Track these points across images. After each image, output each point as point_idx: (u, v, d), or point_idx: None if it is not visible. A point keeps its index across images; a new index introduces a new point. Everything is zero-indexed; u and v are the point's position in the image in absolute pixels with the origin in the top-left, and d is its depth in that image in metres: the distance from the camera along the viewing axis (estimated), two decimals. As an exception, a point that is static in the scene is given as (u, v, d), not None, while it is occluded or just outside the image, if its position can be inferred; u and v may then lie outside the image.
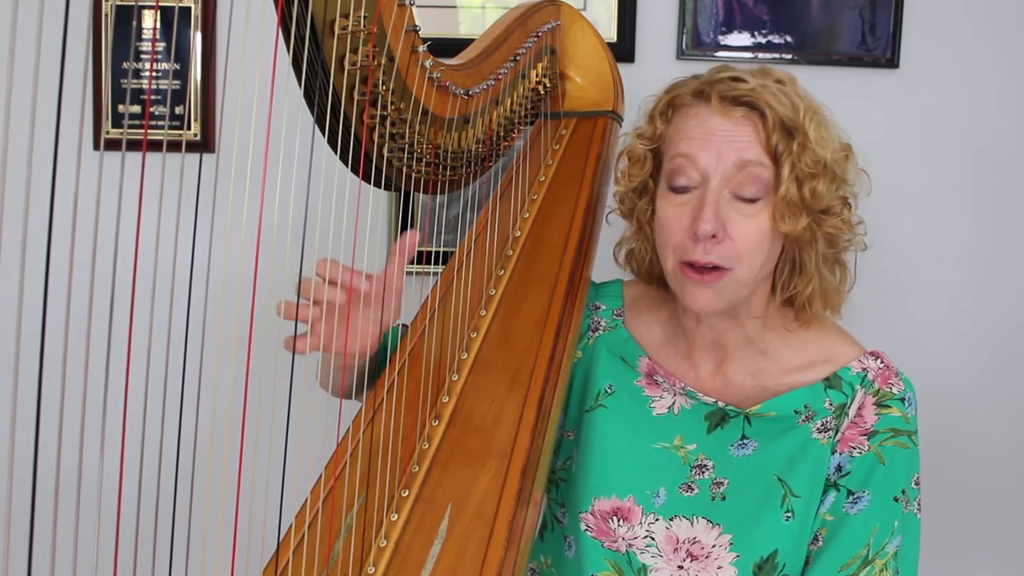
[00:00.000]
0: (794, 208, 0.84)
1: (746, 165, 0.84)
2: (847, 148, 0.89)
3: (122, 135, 1.56)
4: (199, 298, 0.67)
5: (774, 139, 0.83)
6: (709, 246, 0.84)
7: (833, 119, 0.89)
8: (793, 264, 0.90)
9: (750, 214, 0.85)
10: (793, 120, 0.84)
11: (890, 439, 0.88)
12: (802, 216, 0.84)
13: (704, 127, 0.86)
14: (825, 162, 0.84)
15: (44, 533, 0.51)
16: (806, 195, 0.84)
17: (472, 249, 1.04)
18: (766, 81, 0.86)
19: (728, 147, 0.84)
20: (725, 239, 0.84)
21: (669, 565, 0.90)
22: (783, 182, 0.83)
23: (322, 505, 0.80)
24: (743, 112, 0.85)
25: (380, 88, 0.80)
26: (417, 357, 0.92)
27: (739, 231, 0.84)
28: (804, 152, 0.83)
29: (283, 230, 0.74)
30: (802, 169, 0.83)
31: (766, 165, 0.84)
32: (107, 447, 0.62)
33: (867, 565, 0.85)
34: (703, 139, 0.85)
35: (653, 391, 0.96)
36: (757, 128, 0.84)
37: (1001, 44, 1.54)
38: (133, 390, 0.60)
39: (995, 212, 1.58)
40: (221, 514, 0.67)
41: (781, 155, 0.83)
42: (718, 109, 0.85)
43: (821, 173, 0.84)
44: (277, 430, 0.71)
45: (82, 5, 1.49)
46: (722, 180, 0.84)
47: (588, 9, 1.54)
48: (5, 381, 1.79)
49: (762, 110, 0.84)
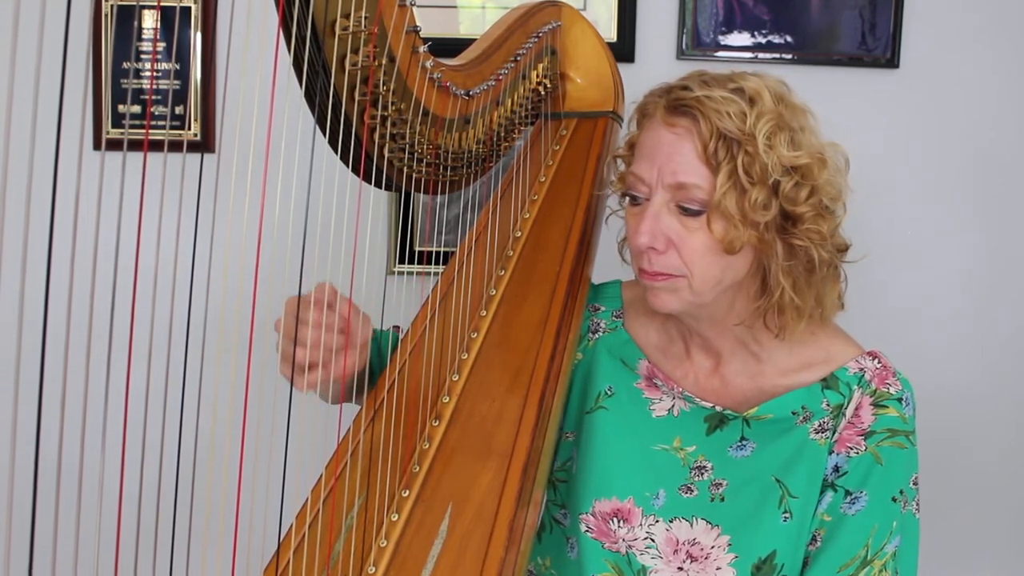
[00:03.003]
0: (731, 219, 0.82)
1: (682, 187, 0.83)
2: (819, 155, 0.85)
3: (122, 135, 1.56)
4: (200, 297, 0.67)
5: (711, 148, 0.82)
6: (653, 257, 0.85)
7: (814, 125, 0.87)
8: (764, 275, 0.88)
9: (694, 227, 0.84)
10: (737, 130, 0.81)
11: (887, 439, 0.88)
12: (740, 228, 0.82)
13: (652, 142, 0.86)
14: (785, 167, 0.82)
15: (45, 530, 0.51)
16: (745, 206, 0.82)
17: (472, 249, 1.04)
18: (720, 90, 0.83)
19: (667, 167, 0.84)
20: (669, 250, 0.85)
21: (669, 566, 0.90)
22: (716, 191, 0.82)
23: (323, 505, 0.80)
24: (685, 123, 0.84)
25: (381, 88, 0.80)
26: (417, 357, 0.92)
27: (684, 242, 0.85)
28: (753, 161, 0.81)
29: (283, 230, 0.74)
30: (746, 179, 0.81)
31: (702, 186, 0.82)
32: (108, 446, 0.62)
33: (866, 566, 0.85)
34: (648, 156, 0.86)
35: (653, 393, 0.96)
36: (695, 141, 0.83)
37: (1001, 44, 1.54)
38: (134, 389, 0.60)
39: (995, 212, 1.58)
40: (222, 514, 0.67)
41: (720, 164, 0.81)
42: (663, 119, 0.85)
43: (770, 181, 0.81)
44: (278, 430, 0.71)
45: (83, 5, 1.49)
46: (663, 195, 0.85)
47: (588, 9, 1.54)
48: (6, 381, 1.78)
49: (699, 120, 0.82)
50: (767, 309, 0.89)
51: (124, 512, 0.62)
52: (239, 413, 0.67)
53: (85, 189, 0.57)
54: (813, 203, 0.84)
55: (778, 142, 0.82)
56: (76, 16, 1.46)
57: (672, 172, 0.84)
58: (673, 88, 0.86)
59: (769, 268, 0.87)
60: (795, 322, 0.88)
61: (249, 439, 0.66)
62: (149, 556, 0.63)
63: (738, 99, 0.82)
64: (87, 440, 0.55)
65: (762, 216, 0.82)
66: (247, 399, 0.69)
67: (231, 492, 0.67)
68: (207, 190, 0.68)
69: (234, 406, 0.68)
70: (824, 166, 0.85)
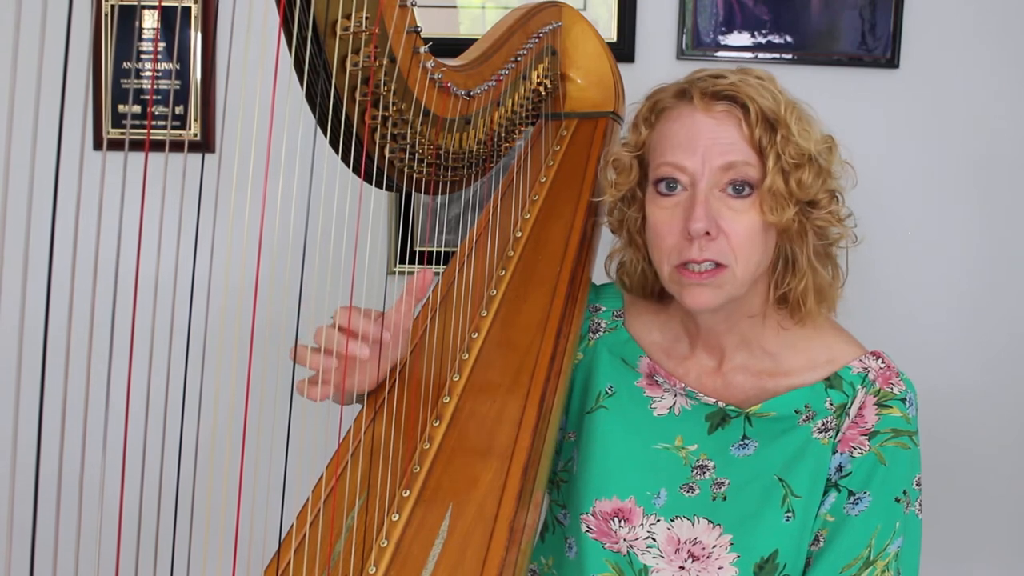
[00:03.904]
0: (781, 199, 0.84)
1: (732, 166, 0.84)
2: (830, 140, 0.89)
3: (123, 135, 1.56)
4: (201, 297, 0.67)
5: (757, 132, 0.84)
6: (704, 244, 0.84)
7: (814, 115, 0.89)
8: (786, 260, 0.90)
9: (741, 209, 0.85)
10: (775, 112, 0.84)
11: (891, 439, 0.88)
12: (789, 207, 0.84)
13: (688, 129, 0.86)
14: (809, 153, 0.85)
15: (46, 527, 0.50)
16: (792, 186, 0.84)
17: (473, 250, 1.04)
18: (745, 76, 0.87)
19: (713, 150, 0.84)
20: (719, 235, 0.84)
21: (670, 566, 0.90)
22: (769, 174, 0.83)
23: (323, 505, 0.80)
24: (725, 106, 0.85)
25: (382, 89, 0.80)
26: (418, 357, 0.92)
27: (732, 227, 0.84)
28: (787, 144, 0.83)
29: (284, 230, 0.74)
30: (787, 160, 0.83)
31: (752, 163, 0.84)
32: (109, 445, 0.62)
33: (869, 566, 0.85)
34: (688, 144, 0.85)
35: (654, 392, 0.96)
36: (740, 123, 0.84)
37: (1001, 44, 1.54)
38: (135, 388, 0.60)
39: (995, 212, 1.58)
40: (223, 514, 0.67)
41: (765, 148, 0.84)
42: (700, 106, 0.85)
43: (806, 164, 0.85)
44: (279, 430, 0.71)
45: (83, 5, 1.49)
46: (710, 181, 0.84)
47: (588, 9, 1.54)
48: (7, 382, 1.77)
49: (744, 103, 0.84)
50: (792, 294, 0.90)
51: (125, 512, 0.62)
52: (240, 412, 0.67)
53: (85, 189, 0.57)
54: (827, 187, 0.88)
55: (804, 126, 0.85)
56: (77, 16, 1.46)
57: (721, 153, 0.84)
58: (701, 78, 0.87)
59: (796, 252, 0.89)
60: (817, 305, 0.90)
61: (250, 438, 0.66)
62: (150, 556, 0.63)
63: (768, 85, 0.86)
64: (88, 436, 0.55)
65: (805, 195, 0.85)
66: (248, 398, 0.69)
67: (232, 492, 0.67)
68: (208, 190, 0.68)
69: (235, 405, 0.68)
70: (832, 152, 0.88)
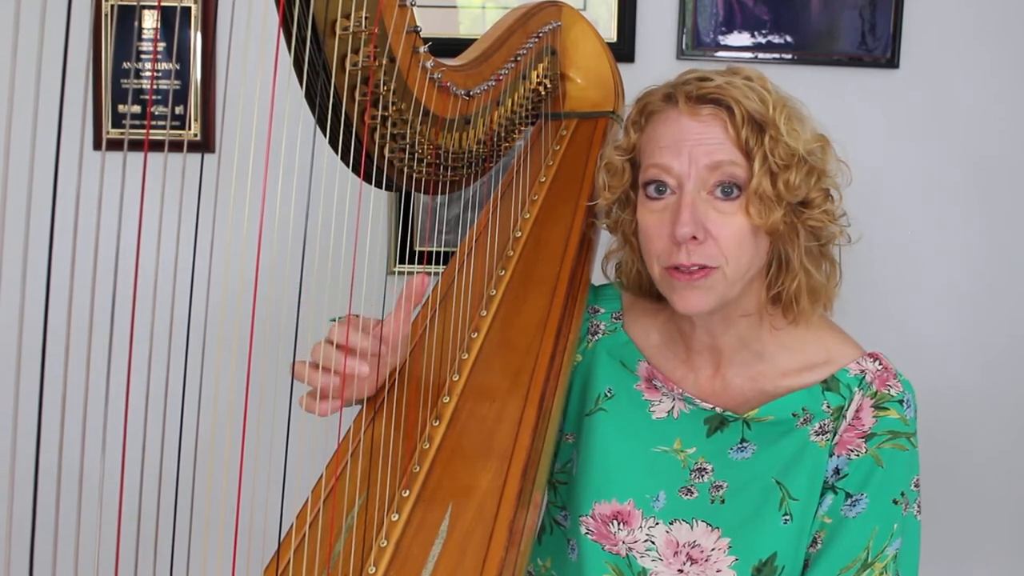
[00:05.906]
0: (768, 201, 0.83)
1: (719, 166, 0.84)
2: (822, 139, 0.88)
3: (123, 135, 1.56)
4: (200, 296, 0.67)
5: (743, 134, 0.83)
6: (692, 248, 0.84)
7: (808, 113, 0.89)
8: (779, 260, 0.90)
9: (730, 212, 0.84)
10: (762, 113, 0.83)
11: (888, 441, 0.88)
12: (777, 209, 0.84)
13: (674, 133, 0.86)
14: (798, 154, 0.84)
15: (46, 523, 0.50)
16: (780, 188, 0.83)
17: (473, 250, 1.04)
18: (732, 78, 0.86)
19: (699, 150, 0.84)
20: (707, 239, 0.84)
21: (669, 568, 0.90)
22: (755, 175, 0.83)
23: (323, 505, 0.80)
24: (710, 110, 0.84)
25: (381, 89, 0.80)
26: (418, 357, 0.92)
27: (720, 230, 0.84)
28: (776, 145, 0.83)
29: (284, 230, 0.74)
30: (774, 162, 0.83)
31: (739, 163, 0.84)
32: (108, 445, 0.62)
33: (867, 568, 0.85)
34: (674, 146, 0.85)
35: (652, 395, 0.96)
36: (726, 125, 0.84)
37: (1001, 45, 1.54)
38: (135, 388, 0.60)
39: (995, 212, 1.58)
40: (222, 514, 0.67)
41: (752, 149, 0.83)
42: (686, 109, 0.85)
43: (795, 164, 0.84)
44: (278, 430, 0.71)
45: (83, 5, 1.49)
46: (697, 183, 0.84)
47: (588, 9, 1.54)
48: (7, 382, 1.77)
49: (729, 105, 0.84)
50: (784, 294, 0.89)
51: (124, 512, 0.62)
52: (239, 412, 0.67)
53: (85, 189, 0.57)
54: (821, 186, 0.87)
55: (793, 126, 0.85)
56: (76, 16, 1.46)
57: (707, 153, 0.84)
58: (687, 81, 0.87)
59: (788, 252, 0.88)
60: (811, 305, 0.90)
61: (250, 438, 0.66)
62: (149, 554, 0.63)
63: (756, 85, 0.85)
64: (88, 434, 0.55)
65: (793, 196, 0.84)
66: (247, 398, 0.69)
67: (231, 492, 0.67)
68: (207, 190, 0.68)
69: (234, 405, 0.68)
70: (826, 150, 0.88)
